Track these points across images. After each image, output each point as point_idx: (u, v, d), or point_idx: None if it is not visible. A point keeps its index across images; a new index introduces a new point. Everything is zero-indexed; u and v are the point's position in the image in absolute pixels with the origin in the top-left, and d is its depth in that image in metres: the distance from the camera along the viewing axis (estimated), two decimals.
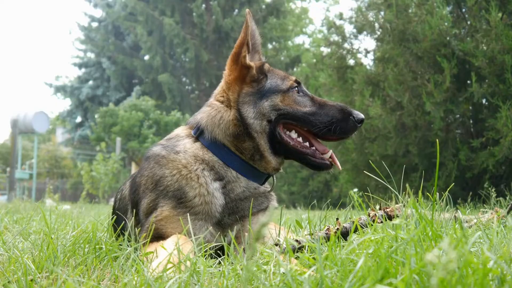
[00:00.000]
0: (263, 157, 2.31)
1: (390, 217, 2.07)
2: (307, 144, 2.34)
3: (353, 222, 2.00)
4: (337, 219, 2.17)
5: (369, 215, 2.06)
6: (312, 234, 1.97)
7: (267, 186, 2.44)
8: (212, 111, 2.40)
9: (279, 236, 2.21)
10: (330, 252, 1.43)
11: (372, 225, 1.90)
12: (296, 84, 2.39)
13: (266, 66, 2.46)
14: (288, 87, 2.36)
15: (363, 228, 1.99)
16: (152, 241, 2.09)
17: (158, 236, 2.10)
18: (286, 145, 2.30)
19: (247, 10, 2.47)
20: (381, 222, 1.99)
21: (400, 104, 8.87)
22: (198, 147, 2.33)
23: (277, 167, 2.37)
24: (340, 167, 2.37)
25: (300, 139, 2.34)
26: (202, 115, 2.42)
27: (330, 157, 2.32)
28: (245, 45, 2.38)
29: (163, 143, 2.44)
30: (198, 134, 2.37)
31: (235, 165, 2.29)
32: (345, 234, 1.99)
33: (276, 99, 2.33)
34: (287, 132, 2.34)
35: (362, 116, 2.36)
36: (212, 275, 1.62)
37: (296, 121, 2.32)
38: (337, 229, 1.99)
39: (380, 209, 2.11)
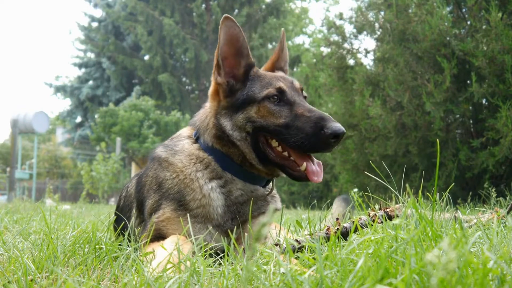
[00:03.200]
0: (252, 164, 2.27)
1: (390, 217, 2.07)
2: (286, 154, 2.22)
3: (353, 222, 2.00)
4: (337, 219, 2.17)
5: (369, 215, 2.06)
6: (312, 234, 1.97)
7: (269, 188, 2.41)
8: (203, 115, 2.42)
9: (279, 236, 2.21)
10: (330, 252, 1.43)
11: (372, 225, 1.90)
12: (275, 92, 2.22)
13: (254, 71, 2.34)
14: (263, 97, 2.22)
15: (363, 228, 1.99)
16: (153, 241, 2.10)
17: (159, 237, 2.13)
18: (267, 155, 2.23)
19: (222, 17, 2.24)
20: (381, 222, 1.99)
21: (400, 104, 8.87)
22: (196, 148, 2.35)
23: (270, 173, 2.32)
24: (315, 180, 2.15)
25: (280, 149, 2.23)
26: (197, 118, 2.45)
27: (305, 170, 2.17)
28: (215, 66, 2.32)
29: (166, 143, 2.47)
30: (197, 136, 2.40)
31: (230, 168, 2.28)
32: (345, 234, 1.99)
33: (251, 110, 2.23)
34: (269, 141, 2.24)
35: (336, 130, 2.07)
36: (212, 275, 1.62)
37: (270, 134, 2.20)
38: (337, 229, 1.99)
39: (380, 209, 2.11)
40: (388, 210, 2.09)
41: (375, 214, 2.01)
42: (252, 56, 2.37)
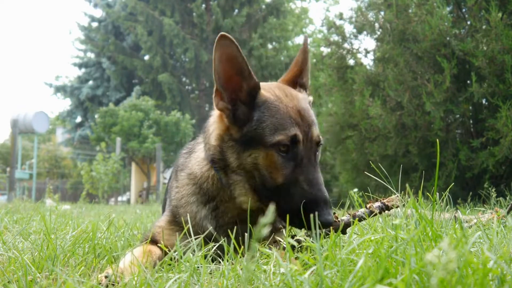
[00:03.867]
0: (252, 196, 2.04)
1: (388, 208, 2.06)
2: None
3: (350, 215, 2.01)
4: (334, 213, 2.16)
5: (366, 207, 2.06)
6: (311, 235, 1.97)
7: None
8: (210, 124, 2.18)
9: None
10: (330, 252, 1.43)
11: (369, 216, 1.90)
12: (287, 142, 1.90)
13: (261, 96, 1.99)
14: (273, 143, 1.90)
15: (360, 221, 2.00)
16: (150, 242, 2.14)
17: (154, 240, 2.16)
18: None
19: (218, 36, 1.94)
20: (380, 212, 1.99)
21: (400, 104, 8.87)
22: (201, 159, 2.21)
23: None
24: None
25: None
26: (206, 128, 2.23)
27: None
28: (214, 90, 2.03)
29: (189, 147, 2.41)
30: None
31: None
32: (343, 228, 1.98)
33: (259, 155, 1.93)
34: None
35: (325, 222, 1.80)
36: (212, 275, 1.62)
37: (262, 184, 1.96)
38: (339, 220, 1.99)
39: (377, 201, 2.11)
40: (385, 201, 2.09)
41: (372, 205, 2.02)
42: (255, 76, 2.01)
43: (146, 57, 28.80)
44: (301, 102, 2.06)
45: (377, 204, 2.04)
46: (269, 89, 2.05)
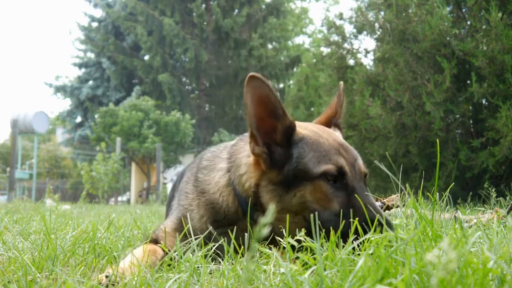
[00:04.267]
0: None
1: (388, 207, 2.07)
2: None
3: None
4: None
5: None
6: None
7: None
8: (239, 161, 2.04)
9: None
10: (330, 252, 1.43)
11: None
12: (335, 172, 1.80)
13: (297, 134, 1.90)
14: (320, 174, 1.79)
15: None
16: (151, 241, 2.12)
17: (158, 242, 2.13)
18: None
19: (247, 77, 1.81)
20: None
21: (400, 104, 8.87)
22: (224, 186, 2.07)
23: None
24: None
25: None
26: (233, 151, 2.10)
27: None
28: (249, 136, 1.91)
29: (209, 161, 2.23)
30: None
31: (253, 216, 1.96)
32: None
33: (306, 191, 1.80)
34: None
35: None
36: (212, 275, 1.62)
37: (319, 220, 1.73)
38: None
39: (377, 200, 2.11)
40: (385, 200, 2.10)
41: None
42: (288, 115, 1.91)
43: (146, 57, 28.81)
44: (340, 137, 2.03)
45: (377, 203, 2.04)
46: (305, 127, 1.98)
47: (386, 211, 2.01)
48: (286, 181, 1.82)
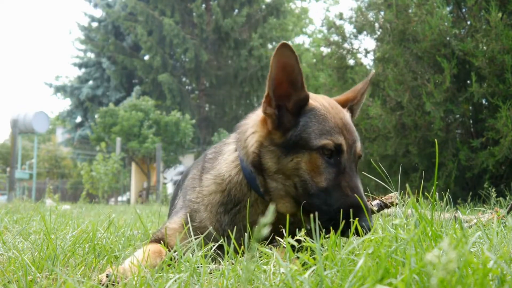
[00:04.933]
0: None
1: (386, 206, 2.07)
2: None
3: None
4: None
5: None
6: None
7: None
8: (246, 128, 2.16)
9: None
10: (330, 252, 1.43)
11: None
12: (332, 148, 1.93)
13: (310, 104, 2.02)
14: (319, 146, 1.93)
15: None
16: (152, 241, 2.11)
17: (165, 243, 2.12)
18: None
19: (279, 44, 1.94)
20: (378, 210, 1.99)
21: (400, 104, 8.87)
22: (231, 162, 2.18)
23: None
24: None
25: None
26: (241, 128, 2.21)
27: None
28: (265, 95, 2.02)
29: (215, 150, 2.34)
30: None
31: (257, 189, 2.07)
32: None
33: (301, 160, 1.94)
34: None
35: (366, 227, 1.79)
36: (212, 275, 1.62)
37: (303, 189, 1.94)
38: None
39: (374, 199, 2.11)
40: (383, 199, 2.09)
41: (371, 203, 2.02)
42: (306, 89, 2.04)
43: (146, 57, 28.80)
44: (347, 117, 2.13)
45: (376, 202, 2.04)
46: (317, 99, 2.10)
47: (385, 210, 2.01)
48: (287, 145, 1.96)
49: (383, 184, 2.20)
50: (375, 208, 2.03)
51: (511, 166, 7.89)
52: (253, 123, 2.13)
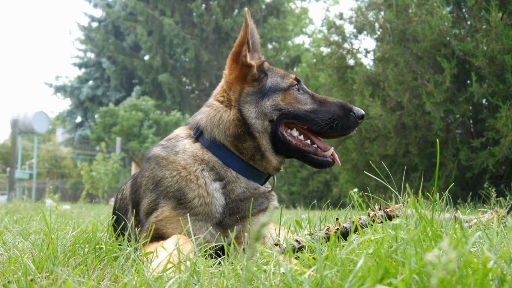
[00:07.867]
0: (264, 156, 2.30)
1: (390, 217, 2.07)
2: (308, 142, 2.34)
3: (353, 222, 2.00)
4: (337, 219, 2.16)
5: (369, 215, 2.06)
6: (312, 234, 1.97)
7: (267, 186, 2.43)
8: (212, 111, 2.39)
9: (279, 236, 2.21)
10: (330, 252, 1.43)
11: (372, 225, 1.90)
12: (296, 82, 2.39)
13: (266, 64, 2.45)
14: (288, 85, 2.36)
15: (363, 228, 1.99)
16: (152, 241, 2.09)
17: (158, 237, 2.11)
18: (288, 144, 2.30)
19: (245, 9, 2.48)
20: (381, 222, 1.98)
21: (400, 104, 8.87)
22: (198, 148, 2.33)
23: (278, 166, 2.37)
24: (339, 163, 2.41)
25: (301, 137, 2.34)
26: (202, 116, 2.41)
27: (331, 154, 2.32)
28: (245, 43, 2.36)
29: (163, 144, 2.43)
30: (198, 134, 2.37)
31: (235, 166, 2.29)
32: (345, 234, 1.99)
33: (277, 98, 2.32)
34: (289, 131, 2.33)
35: (362, 112, 2.36)
36: (212, 275, 1.62)
37: (297, 120, 2.32)
38: (337, 229, 1.99)
39: (380, 209, 2.11)
40: (388, 210, 2.09)
41: (375, 214, 2.01)
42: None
43: (146, 57, 28.80)
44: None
45: (380, 213, 2.04)
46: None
47: (387, 221, 2.01)
48: (264, 90, 2.34)
49: (383, 183, 2.20)
50: (378, 220, 2.02)
51: (511, 166, 7.90)
52: (217, 105, 2.40)
